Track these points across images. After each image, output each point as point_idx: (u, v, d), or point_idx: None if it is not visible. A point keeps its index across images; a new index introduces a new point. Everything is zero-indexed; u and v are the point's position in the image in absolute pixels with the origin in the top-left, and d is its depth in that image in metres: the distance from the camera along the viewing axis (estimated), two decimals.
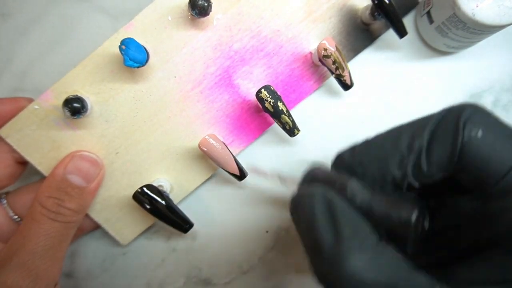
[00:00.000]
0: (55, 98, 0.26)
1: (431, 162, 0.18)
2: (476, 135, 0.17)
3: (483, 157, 0.17)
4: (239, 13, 0.28)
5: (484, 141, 0.17)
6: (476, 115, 0.18)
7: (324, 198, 0.18)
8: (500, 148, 0.17)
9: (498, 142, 0.17)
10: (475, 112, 0.18)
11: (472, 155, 0.17)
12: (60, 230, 0.24)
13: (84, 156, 0.26)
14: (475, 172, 0.17)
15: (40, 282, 0.23)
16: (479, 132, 0.17)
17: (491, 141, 0.17)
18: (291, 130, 0.27)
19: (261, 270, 0.31)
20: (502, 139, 0.17)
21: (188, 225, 0.27)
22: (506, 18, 0.24)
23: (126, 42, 0.24)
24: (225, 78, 0.28)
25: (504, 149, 0.17)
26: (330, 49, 0.26)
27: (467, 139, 0.17)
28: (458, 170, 0.18)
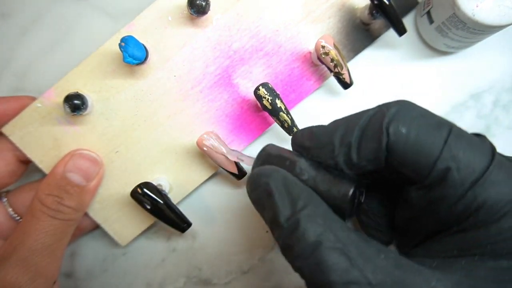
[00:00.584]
0: (57, 96, 0.26)
1: (360, 156, 0.19)
2: (400, 131, 0.18)
3: (411, 152, 0.18)
4: (238, 13, 0.28)
5: (409, 136, 0.18)
6: (400, 112, 0.19)
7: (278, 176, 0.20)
8: (424, 141, 0.18)
9: (422, 135, 0.18)
10: (399, 110, 0.19)
11: (400, 151, 0.18)
12: (59, 228, 0.24)
13: (84, 155, 0.26)
14: (408, 165, 0.19)
15: (39, 279, 0.23)
16: (403, 128, 0.18)
17: (415, 135, 0.18)
18: (290, 129, 0.27)
19: (261, 270, 0.30)
20: (425, 131, 0.18)
21: (186, 224, 0.27)
22: (506, 18, 0.24)
23: (125, 39, 0.24)
24: (225, 77, 0.28)
25: (428, 141, 0.18)
26: (328, 46, 0.26)
27: (393, 137, 0.18)
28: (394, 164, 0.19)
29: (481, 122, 0.30)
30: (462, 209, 0.18)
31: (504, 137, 0.30)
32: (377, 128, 0.19)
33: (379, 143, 0.19)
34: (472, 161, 0.18)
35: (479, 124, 0.30)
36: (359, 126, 0.20)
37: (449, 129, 0.18)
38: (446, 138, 0.18)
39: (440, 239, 0.19)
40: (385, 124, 0.18)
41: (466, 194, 0.17)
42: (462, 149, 0.18)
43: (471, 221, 0.18)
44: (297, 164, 0.21)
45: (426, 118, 0.19)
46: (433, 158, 0.18)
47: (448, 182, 0.18)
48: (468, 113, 0.30)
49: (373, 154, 0.19)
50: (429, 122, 0.19)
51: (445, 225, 0.19)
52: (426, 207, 0.20)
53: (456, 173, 0.17)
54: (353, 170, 0.20)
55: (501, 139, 0.30)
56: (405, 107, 0.19)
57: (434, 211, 0.19)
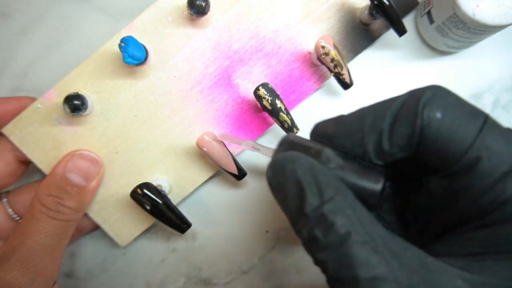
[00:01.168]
0: (57, 97, 0.27)
1: (393, 142, 0.18)
2: (435, 116, 0.17)
3: (443, 138, 0.17)
4: (238, 13, 0.28)
5: (443, 122, 0.17)
6: (436, 96, 0.18)
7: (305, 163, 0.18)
8: (459, 128, 0.17)
9: (457, 122, 0.17)
10: (434, 94, 0.18)
11: (432, 136, 0.18)
12: (59, 228, 0.24)
13: (83, 155, 0.26)
14: (437, 152, 0.18)
15: (38, 280, 0.23)
16: (437, 113, 0.18)
17: (450, 121, 0.17)
18: (289, 129, 0.27)
19: (261, 270, 0.30)
20: (460, 118, 0.18)
21: (186, 225, 0.27)
22: (506, 18, 0.24)
23: (125, 40, 0.24)
24: (225, 78, 0.28)
25: (462, 128, 0.17)
26: (328, 47, 0.26)
27: (426, 121, 0.18)
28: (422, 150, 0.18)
29: None
30: (488, 201, 0.17)
31: None
32: (412, 112, 0.18)
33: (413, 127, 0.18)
34: (504, 153, 0.17)
35: None
36: (391, 112, 0.19)
37: (484, 119, 0.18)
38: (481, 127, 0.17)
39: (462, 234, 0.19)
40: (420, 108, 0.18)
41: (495, 186, 0.17)
42: (496, 139, 0.17)
43: (497, 215, 0.17)
44: (323, 153, 0.20)
45: (461, 105, 0.18)
46: (465, 146, 0.17)
47: (477, 171, 0.17)
48: None
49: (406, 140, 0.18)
50: (465, 109, 0.18)
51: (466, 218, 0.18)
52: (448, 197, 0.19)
53: (487, 162, 0.17)
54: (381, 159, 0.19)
55: None
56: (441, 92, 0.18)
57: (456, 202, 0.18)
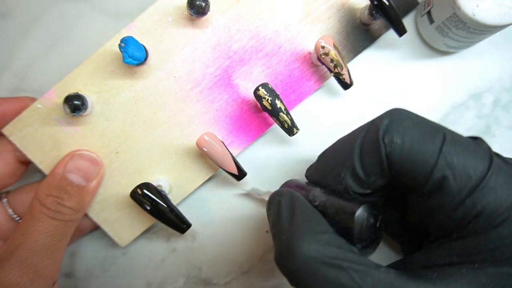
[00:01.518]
0: (57, 97, 0.27)
1: (367, 172, 0.20)
2: (395, 142, 0.18)
3: (407, 162, 0.18)
4: (238, 14, 0.28)
5: (404, 146, 0.18)
6: (393, 122, 0.19)
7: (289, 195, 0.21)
8: (419, 150, 0.18)
9: (416, 144, 0.18)
10: (392, 120, 0.19)
11: (397, 161, 0.18)
12: (59, 229, 0.24)
13: (83, 155, 0.26)
14: (406, 175, 0.19)
15: (38, 280, 0.23)
16: (397, 139, 0.18)
17: (409, 145, 0.18)
18: (289, 129, 0.27)
19: (261, 270, 0.31)
20: (419, 140, 0.18)
21: (185, 225, 0.27)
22: (506, 18, 0.24)
23: (125, 40, 0.24)
24: (225, 78, 0.28)
25: (422, 149, 0.18)
26: (328, 47, 0.26)
27: (389, 148, 0.18)
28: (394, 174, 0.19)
29: (481, 122, 0.30)
30: (461, 216, 0.18)
31: (504, 137, 0.30)
32: (374, 141, 0.19)
33: (379, 155, 0.19)
34: (468, 168, 0.17)
35: (479, 124, 0.30)
36: (357, 145, 0.20)
37: (443, 136, 0.18)
38: (440, 146, 0.18)
39: (440, 245, 0.19)
40: (380, 136, 0.19)
41: (465, 202, 0.17)
42: (458, 155, 0.18)
43: (470, 227, 0.18)
44: (311, 192, 0.22)
45: (419, 126, 0.19)
46: (429, 167, 0.18)
47: (445, 190, 0.18)
48: (468, 113, 0.30)
49: (378, 167, 0.19)
50: (423, 130, 0.18)
51: (446, 231, 0.19)
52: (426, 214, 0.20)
53: (453, 181, 0.17)
54: (365, 188, 0.20)
55: (501, 139, 0.30)
56: (397, 117, 0.19)
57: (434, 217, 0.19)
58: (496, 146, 0.30)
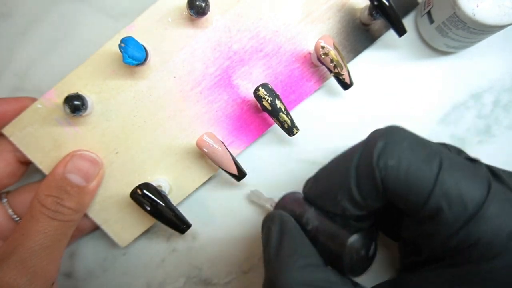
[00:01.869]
0: (57, 97, 0.27)
1: (363, 195, 0.19)
2: (390, 166, 0.18)
3: (402, 187, 0.18)
4: (238, 14, 0.28)
5: (399, 171, 0.18)
6: (389, 144, 0.18)
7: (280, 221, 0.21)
8: (415, 176, 0.17)
9: (412, 170, 0.17)
10: (387, 142, 0.18)
11: (392, 186, 0.18)
12: (58, 229, 0.24)
13: (83, 155, 0.26)
14: (401, 201, 0.18)
15: (37, 281, 0.23)
16: (392, 162, 0.18)
17: (405, 170, 0.17)
18: (289, 129, 0.27)
19: (261, 270, 0.30)
20: (415, 166, 0.18)
21: (185, 225, 0.27)
22: (506, 18, 0.24)
23: (125, 40, 0.24)
24: (225, 78, 0.28)
25: (418, 176, 0.17)
26: (328, 47, 0.26)
27: (384, 172, 0.18)
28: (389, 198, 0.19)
29: (481, 122, 0.30)
30: (455, 245, 0.17)
31: (504, 137, 0.30)
32: (369, 165, 0.18)
33: (374, 180, 0.18)
34: (465, 197, 0.17)
35: (479, 124, 0.30)
36: (352, 167, 0.19)
37: (439, 162, 0.18)
38: (437, 172, 0.17)
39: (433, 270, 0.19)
40: (375, 161, 0.18)
41: (459, 232, 0.17)
42: (454, 184, 0.17)
43: (463, 256, 0.17)
44: (304, 215, 0.22)
45: (415, 150, 0.18)
46: (424, 195, 0.17)
47: (440, 220, 0.17)
48: (468, 113, 0.30)
49: (374, 191, 0.19)
50: (419, 154, 0.18)
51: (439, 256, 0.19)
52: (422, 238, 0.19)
53: (448, 211, 0.17)
54: (363, 210, 0.20)
55: (501, 139, 0.30)
56: (394, 138, 0.18)
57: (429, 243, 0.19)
58: (496, 146, 0.30)
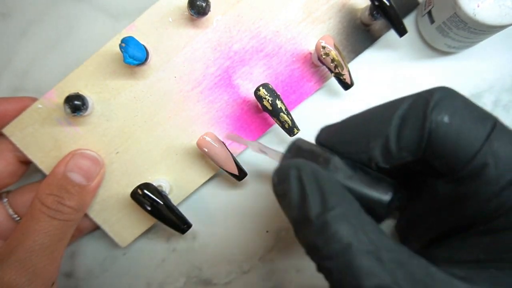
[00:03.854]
0: (58, 97, 0.27)
1: (401, 146, 0.18)
2: (443, 120, 0.17)
3: (450, 143, 0.17)
4: (239, 14, 0.28)
5: (451, 126, 0.17)
6: (445, 99, 0.18)
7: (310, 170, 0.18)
8: (467, 133, 0.17)
9: (465, 126, 0.17)
10: (443, 97, 0.18)
11: (440, 141, 0.17)
12: (58, 228, 0.24)
13: (85, 154, 0.26)
14: (444, 157, 0.18)
15: (36, 280, 0.23)
16: (446, 117, 0.17)
17: (458, 125, 0.17)
18: (290, 129, 0.27)
19: (261, 270, 0.31)
20: (468, 123, 0.17)
21: (186, 225, 0.27)
22: (507, 18, 0.24)
23: (126, 40, 0.24)
24: (225, 78, 0.28)
25: (470, 133, 0.17)
26: (328, 47, 0.26)
27: (434, 125, 0.17)
28: (429, 154, 0.18)
29: None
30: (493, 207, 0.17)
31: None
32: (421, 114, 0.17)
33: (422, 131, 0.17)
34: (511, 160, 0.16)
35: None
36: (397, 115, 0.18)
37: (493, 123, 0.17)
38: (489, 132, 0.17)
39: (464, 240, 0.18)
40: (429, 111, 0.17)
41: (501, 193, 0.16)
42: (504, 146, 0.17)
43: (501, 221, 0.17)
44: (331, 162, 0.19)
45: (470, 109, 0.18)
46: (472, 152, 0.17)
47: (484, 178, 0.17)
48: None
49: (415, 143, 0.18)
50: (473, 113, 0.17)
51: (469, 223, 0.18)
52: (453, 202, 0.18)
53: (494, 169, 0.16)
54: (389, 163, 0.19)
55: None
56: (449, 95, 0.18)
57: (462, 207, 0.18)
58: None
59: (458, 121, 0.17)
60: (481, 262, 0.17)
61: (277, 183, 0.19)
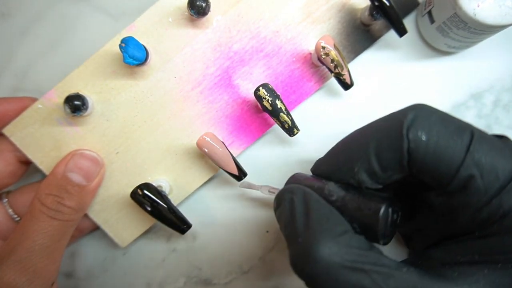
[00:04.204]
0: (58, 97, 0.27)
1: (383, 167, 0.19)
2: (421, 138, 0.18)
3: (432, 159, 0.18)
4: (239, 14, 0.28)
5: (429, 143, 0.17)
6: (419, 118, 0.18)
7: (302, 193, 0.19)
8: (446, 147, 0.17)
9: (443, 142, 0.17)
10: (417, 116, 0.18)
11: (421, 158, 0.18)
12: (58, 229, 0.24)
13: (85, 154, 0.26)
14: (429, 173, 0.18)
15: (36, 280, 0.23)
16: (422, 135, 0.18)
17: (435, 141, 0.17)
18: (290, 129, 0.27)
19: (261, 270, 0.31)
20: (446, 137, 0.17)
21: (186, 226, 0.27)
22: (507, 18, 0.24)
23: (126, 40, 0.24)
24: (225, 78, 0.28)
25: (449, 147, 0.17)
26: (328, 47, 0.26)
27: (413, 144, 0.18)
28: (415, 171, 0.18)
29: (481, 121, 0.30)
30: (486, 216, 0.17)
31: None
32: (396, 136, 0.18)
33: (400, 151, 0.18)
34: (496, 167, 0.17)
35: (479, 124, 0.30)
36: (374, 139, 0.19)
37: (471, 134, 0.17)
38: (468, 144, 0.17)
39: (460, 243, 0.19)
40: (404, 131, 0.18)
41: (491, 202, 0.17)
42: (485, 154, 0.17)
43: (495, 227, 0.17)
44: (325, 187, 0.21)
45: (446, 123, 0.18)
46: (455, 166, 0.17)
47: (471, 189, 0.17)
48: (469, 113, 0.30)
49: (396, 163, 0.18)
50: (450, 127, 0.18)
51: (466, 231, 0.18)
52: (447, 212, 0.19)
53: (480, 180, 0.17)
54: (378, 183, 0.19)
55: None
56: (423, 112, 0.18)
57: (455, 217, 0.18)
58: None
59: (435, 138, 0.17)
60: (475, 263, 0.17)
61: (276, 207, 0.21)
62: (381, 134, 0.19)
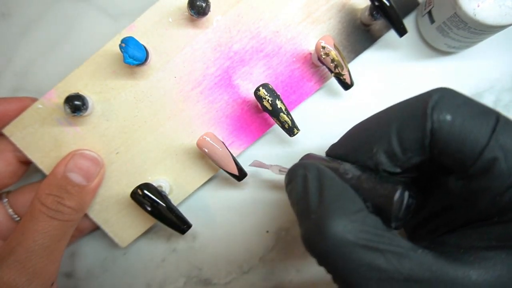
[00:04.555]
0: (58, 97, 0.27)
1: (404, 148, 0.18)
2: (445, 118, 0.17)
3: (456, 140, 0.17)
4: (239, 14, 0.28)
5: (454, 124, 0.17)
6: (444, 99, 0.18)
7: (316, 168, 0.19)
8: (470, 129, 0.17)
9: (468, 123, 0.17)
10: (442, 97, 0.18)
11: (445, 139, 0.17)
12: (58, 229, 0.24)
13: (85, 155, 0.26)
14: (452, 154, 0.18)
15: (36, 280, 0.23)
16: (447, 115, 0.17)
17: (460, 123, 0.17)
18: (290, 129, 0.27)
19: (261, 270, 0.31)
20: (471, 119, 0.17)
21: (186, 226, 0.27)
22: (507, 18, 0.24)
23: (126, 40, 0.24)
24: (225, 78, 0.28)
25: (474, 129, 0.17)
26: (328, 47, 0.26)
27: (437, 124, 0.17)
28: (437, 153, 0.18)
29: None
30: (507, 201, 0.17)
31: None
32: (420, 116, 0.18)
33: (423, 131, 0.18)
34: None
35: None
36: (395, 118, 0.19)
37: (496, 118, 0.17)
38: (493, 127, 0.17)
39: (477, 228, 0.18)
40: (429, 111, 0.17)
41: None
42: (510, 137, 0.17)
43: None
44: (341, 166, 0.20)
45: (471, 105, 0.18)
46: (479, 147, 0.17)
47: (495, 172, 0.17)
48: None
49: (418, 144, 0.18)
50: (475, 109, 0.18)
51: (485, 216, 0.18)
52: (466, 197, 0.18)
53: (504, 163, 0.16)
54: (397, 166, 0.19)
55: None
56: (449, 94, 0.18)
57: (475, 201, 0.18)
58: None
59: (460, 119, 0.17)
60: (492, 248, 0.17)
61: (287, 182, 0.20)
62: (405, 114, 0.18)
